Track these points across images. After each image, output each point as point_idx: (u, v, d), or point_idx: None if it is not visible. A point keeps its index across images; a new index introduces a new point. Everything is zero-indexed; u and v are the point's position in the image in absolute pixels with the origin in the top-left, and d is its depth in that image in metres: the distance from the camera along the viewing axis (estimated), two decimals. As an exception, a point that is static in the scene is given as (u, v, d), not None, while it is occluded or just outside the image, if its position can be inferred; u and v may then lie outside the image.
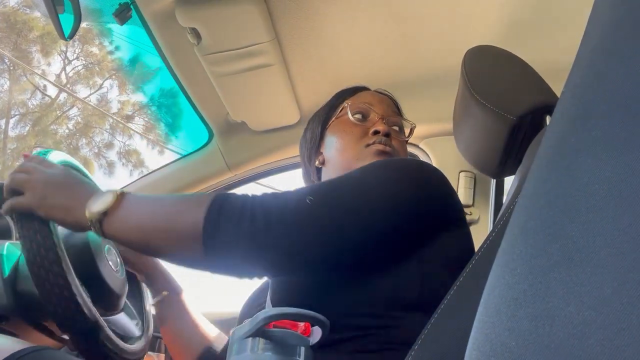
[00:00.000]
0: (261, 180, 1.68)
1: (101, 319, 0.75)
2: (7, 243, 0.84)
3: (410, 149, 1.44)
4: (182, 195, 0.68)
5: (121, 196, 0.68)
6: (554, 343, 0.22)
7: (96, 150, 10.33)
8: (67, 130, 10.34)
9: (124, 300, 0.92)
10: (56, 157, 0.84)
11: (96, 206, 0.67)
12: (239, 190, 1.57)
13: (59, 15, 0.95)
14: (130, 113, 10.68)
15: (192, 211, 0.62)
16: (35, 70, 9.87)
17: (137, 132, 10.66)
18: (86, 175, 0.98)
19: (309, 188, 0.67)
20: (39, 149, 0.86)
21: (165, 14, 1.06)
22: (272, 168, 1.49)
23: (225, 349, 0.97)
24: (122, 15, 1.04)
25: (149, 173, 1.53)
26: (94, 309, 0.74)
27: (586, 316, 0.21)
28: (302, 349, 0.53)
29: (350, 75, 1.32)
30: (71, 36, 0.99)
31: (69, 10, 0.97)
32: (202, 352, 0.96)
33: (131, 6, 1.04)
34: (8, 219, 0.90)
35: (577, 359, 0.21)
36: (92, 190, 0.70)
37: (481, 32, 1.16)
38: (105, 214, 0.66)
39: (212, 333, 1.00)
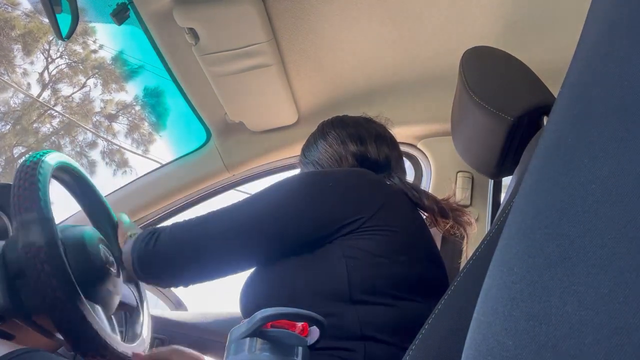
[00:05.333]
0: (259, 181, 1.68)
1: (100, 322, 0.75)
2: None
3: (408, 150, 1.44)
4: None
5: None
6: (551, 342, 0.22)
7: (78, 149, 10.29)
8: (50, 129, 10.30)
9: (118, 299, 0.92)
10: (53, 158, 0.84)
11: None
12: (237, 191, 1.58)
13: (57, 15, 0.95)
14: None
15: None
16: (17, 69, 9.82)
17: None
18: (81, 173, 0.97)
19: (209, 213, 0.82)
20: (32, 152, 0.87)
21: (163, 14, 1.06)
22: (270, 169, 1.49)
23: None
24: (120, 15, 1.04)
25: (149, 173, 1.52)
26: (92, 313, 0.74)
27: (583, 316, 0.21)
28: (300, 349, 0.53)
29: (348, 75, 1.32)
30: (69, 36, 0.99)
31: (66, 10, 0.97)
32: None
33: (129, 6, 1.04)
34: (5, 219, 0.90)
35: (574, 358, 0.21)
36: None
37: (479, 33, 1.16)
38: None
39: None
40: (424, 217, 0.91)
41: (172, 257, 0.79)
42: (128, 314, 0.98)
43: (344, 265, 0.71)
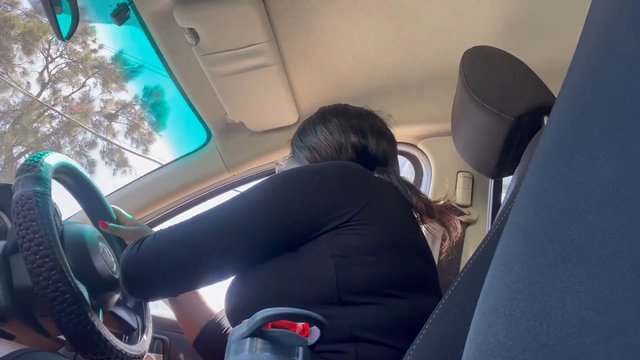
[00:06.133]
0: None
1: (101, 323, 0.75)
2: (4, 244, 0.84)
3: (408, 150, 1.44)
4: None
5: None
6: (552, 342, 0.22)
7: (78, 149, 10.28)
8: (50, 129, 10.30)
9: (116, 297, 0.92)
10: (53, 159, 0.84)
11: None
12: (237, 191, 1.58)
13: (57, 16, 0.95)
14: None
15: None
16: (17, 68, 9.81)
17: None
18: (82, 174, 0.98)
19: (194, 215, 0.80)
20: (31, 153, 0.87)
21: (164, 14, 1.06)
22: (271, 169, 1.49)
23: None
24: (120, 15, 1.04)
25: (149, 173, 1.53)
26: (94, 314, 0.74)
27: (583, 315, 0.21)
28: (301, 349, 0.53)
29: (348, 75, 1.32)
30: (69, 36, 0.99)
31: (66, 10, 0.97)
32: (207, 322, 1.10)
33: (129, 6, 1.04)
34: (5, 218, 0.90)
35: (574, 358, 0.21)
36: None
37: (479, 33, 1.16)
38: None
39: (217, 309, 1.14)
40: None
41: (156, 261, 0.75)
42: (129, 313, 0.98)
43: (332, 266, 0.70)
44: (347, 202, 0.74)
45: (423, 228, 0.92)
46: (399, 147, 1.45)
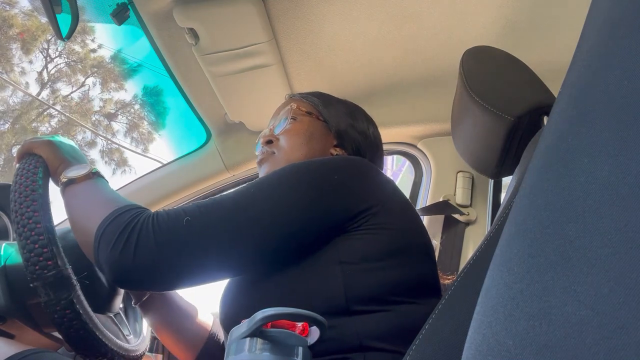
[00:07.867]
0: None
1: (97, 320, 0.75)
2: (4, 244, 0.84)
3: (408, 150, 1.44)
4: (112, 198, 0.72)
5: (88, 176, 0.77)
6: (551, 342, 0.22)
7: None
8: (49, 128, 10.30)
9: (120, 299, 0.92)
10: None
11: (69, 173, 0.77)
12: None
13: (57, 15, 0.95)
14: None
15: (95, 219, 0.67)
16: (15, 68, 9.82)
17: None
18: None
19: (195, 206, 0.68)
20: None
21: (163, 14, 1.06)
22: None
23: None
24: (120, 15, 1.04)
25: (148, 173, 1.53)
26: (90, 310, 0.73)
27: (583, 315, 0.21)
28: (300, 349, 0.53)
29: (347, 75, 1.32)
30: (69, 36, 0.99)
31: (66, 10, 0.97)
32: (206, 341, 0.96)
33: (129, 6, 1.04)
34: (5, 218, 0.90)
35: (574, 358, 0.21)
36: (80, 161, 0.82)
37: (479, 33, 1.16)
38: (69, 183, 0.76)
39: (209, 320, 1.00)
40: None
41: (174, 249, 0.63)
42: (129, 313, 0.98)
43: (340, 273, 0.67)
44: (364, 204, 0.70)
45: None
46: (399, 147, 1.46)
